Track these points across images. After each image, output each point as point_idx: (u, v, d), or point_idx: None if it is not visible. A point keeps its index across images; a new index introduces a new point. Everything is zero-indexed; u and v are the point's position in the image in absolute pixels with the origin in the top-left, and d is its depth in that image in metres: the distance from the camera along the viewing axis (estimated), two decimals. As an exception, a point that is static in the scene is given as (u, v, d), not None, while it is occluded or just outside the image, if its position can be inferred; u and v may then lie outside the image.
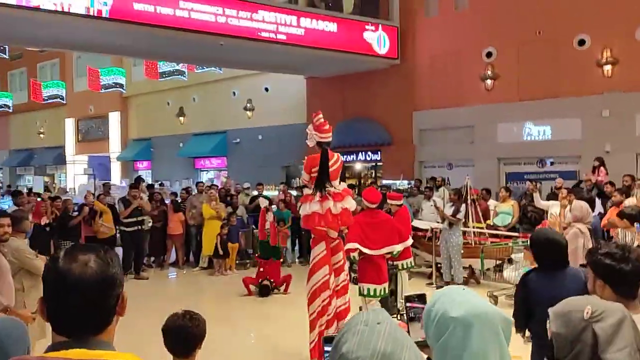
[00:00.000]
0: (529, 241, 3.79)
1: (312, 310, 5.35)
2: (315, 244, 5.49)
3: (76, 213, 10.29)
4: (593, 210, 7.17)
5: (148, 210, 10.65)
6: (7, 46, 25.67)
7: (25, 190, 15.92)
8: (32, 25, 11.57)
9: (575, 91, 14.06)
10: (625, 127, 13.41)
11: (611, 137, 13.46)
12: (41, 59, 31.95)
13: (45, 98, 29.08)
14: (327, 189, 5.33)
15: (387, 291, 6.21)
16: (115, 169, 27.46)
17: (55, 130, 31.31)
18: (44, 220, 9.25)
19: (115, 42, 14.37)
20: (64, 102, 29.35)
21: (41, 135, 32.62)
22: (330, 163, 5.39)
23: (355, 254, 6.11)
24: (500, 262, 8.48)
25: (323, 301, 5.29)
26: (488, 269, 9.10)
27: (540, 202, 8.34)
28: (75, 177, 27.03)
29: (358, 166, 18.44)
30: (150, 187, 11.20)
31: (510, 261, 8.04)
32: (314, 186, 5.36)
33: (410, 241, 7.64)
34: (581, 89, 13.99)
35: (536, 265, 6.23)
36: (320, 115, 5.53)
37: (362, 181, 18.60)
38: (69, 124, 30.28)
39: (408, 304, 1.96)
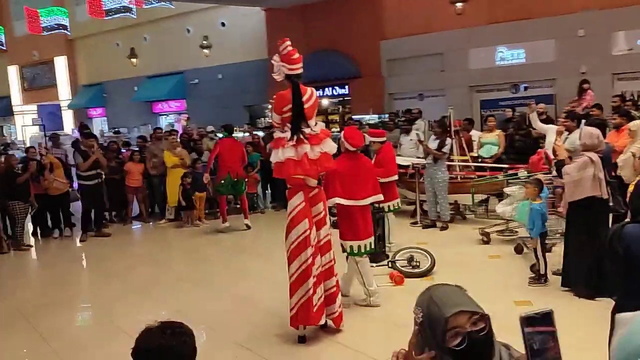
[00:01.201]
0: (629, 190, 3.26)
1: (292, 271, 4.70)
2: (292, 195, 4.76)
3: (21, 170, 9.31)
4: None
5: (104, 164, 9.74)
6: None
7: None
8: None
9: (549, 11, 13.43)
10: (601, 46, 12.93)
11: (586, 58, 12.99)
12: (-27, 2, 29.39)
13: (-18, 44, 26.85)
14: (302, 131, 4.60)
15: (373, 246, 5.50)
16: (68, 117, 25.91)
17: (-1, 80, 29.25)
18: (-15, 181, 8.32)
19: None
20: (4, 48, 27.18)
21: (-17, 86, 30.46)
22: (304, 99, 4.63)
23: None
24: (486, 196, 8.04)
25: (305, 262, 4.63)
26: (470, 205, 8.67)
27: (539, 124, 7.74)
28: (24, 129, 25.43)
29: (325, 102, 17.64)
30: (90, 135, 10.17)
31: (499, 195, 7.59)
32: (289, 129, 4.62)
33: (395, 177, 7.11)
34: (555, 8, 13.35)
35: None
36: (288, 43, 4.65)
37: (329, 118, 17.85)
38: (12, 72, 28.28)
39: (528, 330, 1.30)
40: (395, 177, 7.17)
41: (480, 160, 8.95)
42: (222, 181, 9.25)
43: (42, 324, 5.67)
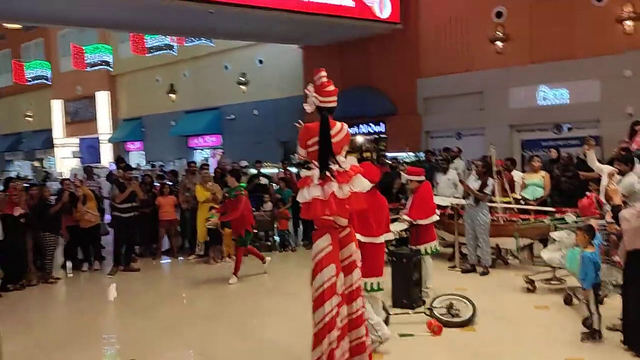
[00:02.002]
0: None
1: (317, 319, 4.30)
2: (318, 236, 4.38)
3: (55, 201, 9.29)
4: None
5: (141, 197, 9.69)
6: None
7: (14, 176, 14.99)
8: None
9: (593, 51, 13.08)
10: (649, 87, 12.44)
11: (633, 98, 12.49)
12: (24, 39, 30.67)
13: (29, 79, 27.91)
14: (330, 167, 4.23)
15: (381, 286, 5.21)
16: (106, 151, 26.40)
17: (42, 113, 30.24)
18: (18, 211, 8.25)
19: (96, 13, 13.31)
20: (49, 82, 28.18)
21: (28, 119, 31.50)
22: (333, 132, 4.29)
23: None
24: (531, 241, 7.56)
25: (329, 313, 4.24)
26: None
27: (596, 164, 7.25)
28: (62, 161, 26.02)
29: (360, 139, 17.45)
30: (127, 168, 10.10)
31: (543, 240, 7.12)
32: (315, 166, 4.29)
33: (435, 218, 6.74)
34: (600, 48, 13.00)
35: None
36: (323, 73, 4.36)
37: (363, 155, 17.58)
38: (56, 106, 29.17)
39: None
40: (435, 218, 6.80)
41: (523, 202, 8.49)
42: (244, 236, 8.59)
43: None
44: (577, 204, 7.24)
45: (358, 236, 4.78)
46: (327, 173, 4.23)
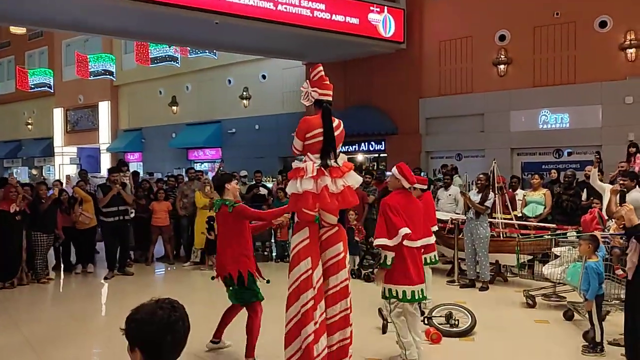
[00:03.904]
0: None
1: (293, 313, 4.19)
2: (297, 230, 4.31)
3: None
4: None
5: (129, 201, 9.50)
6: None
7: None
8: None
9: (596, 76, 13.16)
10: (651, 114, 12.50)
11: (635, 125, 12.54)
12: (29, 47, 30.84)
13: (32, 86, 27.94)
14: (330, 160, 4.19)
15: (425, 293, 4.90)
16: (105, 160, 26.33)
17: (43, 121, 30.22)
18: (14, 208, 8.15)
19: (102, 21, 13.37)
20: (52, 91, 28.23)
21: (29, 127, 31.49)
22: (334, 125, 4.29)
23: (390, 255, 4.70)
24: (531, 257, 7.47)
25: (304, 305, 4.12)
26: (513, 266, 8.12)
27: (598, 182, 7.26)
28: (62, 168, 25.91)
29: (360, 157, 17.44)
30: (135, 174, 10.04)
31: (544, 256, 7.05)
32: (320, 156, 4.22)
33: (435, 227, 6.66)
34: (602, 74, 13.08)
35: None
36: (320, 69, 4.40)
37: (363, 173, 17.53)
38: (58, 114, 29.14)
39: None
40: (435, 228, 6.72)
41: (524, 219, 8.43)
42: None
43: (50, 357, 5.31)
44: (578, 221, 7.20)
45: (407, 230, 4.65)
46: (326, 165, 4.18)
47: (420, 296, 4.83)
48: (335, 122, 4.38)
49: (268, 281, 5.42)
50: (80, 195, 9.56)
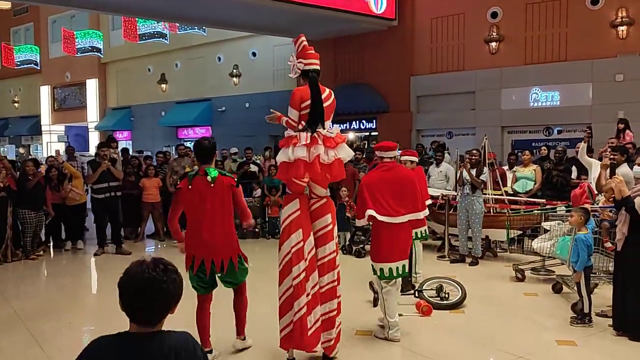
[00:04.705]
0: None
1: (283, 289, 4.19)
2: (288, 202, 4.28)
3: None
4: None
5: (119, 177, 9.36)
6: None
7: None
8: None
9: (587, 54, 13.14)
10: (640, 92, 12.52)
11: (625, 103, 12.56)
12: (14, 24, 30.27)
13: (18, 63, 27.50)
14: (318, 129, 4.15)
15: (406, 269, 4.89)
16: (94, 139, 26.08)
17: (30, 99, 29.81)
18: (-3, 184, 8.04)
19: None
20: (38, 68, 27.78)
21: (16, 105, 31.05)
22: (323, 96, 4.24)
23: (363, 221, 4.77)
24: (520, 232, 7.51)
25: (296, 277, 4.13)
26: (502, 241, 8.18)
27: (585, 157, 7.29)
28: (49, 145, 25.62)
29: (350, 135, 17.38)
30: (125, 151, 9.92)
31: (534, 231, 7.09)
32: (309, 126, 4.18)
33: (428, 201, 6.66)
34: (593, 52, 13.06)
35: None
36: (303, 39, 4.37)
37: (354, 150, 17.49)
38: (45, 92, 28.72)
39: None
40: (428, 202, 6.71)
41: (514, 195, 8.46)
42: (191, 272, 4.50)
43: (38, 328, 5.32)
44: (568, 197, 7.24)
45: (373, 213, 4.66)
46: (316, 135, 4.14)
47: (398, 273, 4.82)
48: (326, 92, 4.35)
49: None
50: (69, 171, 9.46)
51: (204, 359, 1.92)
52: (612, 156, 6.41)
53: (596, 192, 6.45)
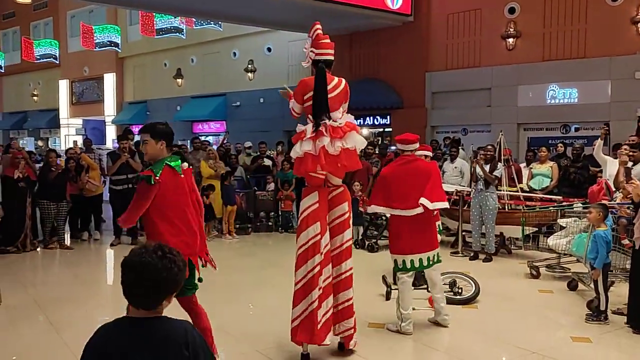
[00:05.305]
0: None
1: (298, 278, 4.21)
2: (306, 194, 4.26)
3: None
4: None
5: (138, 169, 9.45)
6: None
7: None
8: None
9: (606, 51, 12.96)
10: (660, 90, 12.35)
11: (644, 101, 12.41)
12: (34, 18, 30.61)
13: (38, 57, 27.81)
14: (323, 121, 4.06)
15: (430, 261, 4.86)
16: (111, 133, 26.33)
17: (49, 93, 30.16)
18: (17, 174, 8.15)
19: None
20: (57, 62, 28.08)
21: (35, 98, 31.44)
22: (329, 87, 4.14)
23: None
24: (536, 229, 7.45)
25: (311, 270, 4.13)
26: (517, 238, 8.13)
27: (601, 154, 7.22)
28: (67, 139, 25.92)
29: (365, 131, 17.34)
30: (122, 137, 9.97)
31: (549, 229, 7.04)
32: (312, 117, 4.14)
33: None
34: (612, 49, 12.89)
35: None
36: (318, 26, 4.33)
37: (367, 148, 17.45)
38: (63, 86, 29.05)
39: None
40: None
41: (530, 192, 8.39)
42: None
43: (56, 316, 5.41)
44: (585, 194, 7.17)
45: (380, 209, 4.70)
46: (321, 127, 4.07)
47: (412, 266, 4.83)
48: (335, 80, 4.26)
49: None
50: (87, 162, 9.57)
51: (203, 345, 1.90)
52: (630, 153, 6.34)
53: (614, 189, 6.38)
